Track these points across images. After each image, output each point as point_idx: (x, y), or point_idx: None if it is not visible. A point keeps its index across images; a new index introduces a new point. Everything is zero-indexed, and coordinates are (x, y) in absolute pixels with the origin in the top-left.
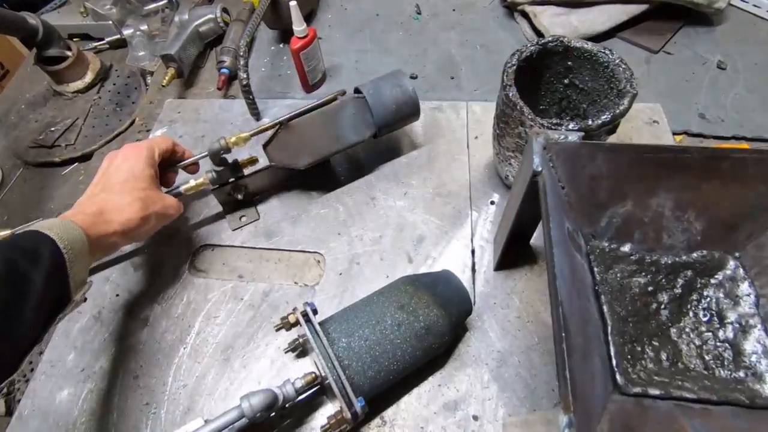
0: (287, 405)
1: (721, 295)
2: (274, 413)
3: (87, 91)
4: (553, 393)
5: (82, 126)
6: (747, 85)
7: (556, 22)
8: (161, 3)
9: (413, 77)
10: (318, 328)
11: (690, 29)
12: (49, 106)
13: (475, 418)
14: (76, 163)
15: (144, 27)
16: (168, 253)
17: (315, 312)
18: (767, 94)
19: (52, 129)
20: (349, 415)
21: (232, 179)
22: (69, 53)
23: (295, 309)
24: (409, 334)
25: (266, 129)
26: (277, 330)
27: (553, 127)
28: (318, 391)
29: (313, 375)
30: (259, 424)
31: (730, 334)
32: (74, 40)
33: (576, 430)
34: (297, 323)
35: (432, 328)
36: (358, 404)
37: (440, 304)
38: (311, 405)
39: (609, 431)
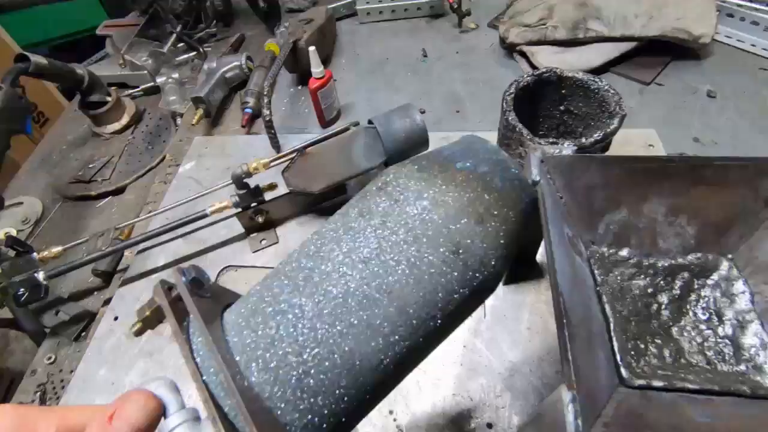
0: None
1: (718, 294)
2: None
3: (123, 131)
4: None
5: (117, 163)
6: (738, 110)
7: (553, 60)
8: (192, 54)
9: (422, 112)
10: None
11: (679, 63)
12: (88, 146)
13: (489, 426)
14: (109, 197)
15: (176, 75)
16: None
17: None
18: (757, 118)
19: (90, 166)
20: None
21: (253, 203)
22: (109, 98)
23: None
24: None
25: (285, 156)
26: None
27: (550, 144)
28: None
29: None
30: None
31: (729, 331)
32: (112, 88)
33: (580, 409)
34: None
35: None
36: None
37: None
38: None
39: (614, 416)
